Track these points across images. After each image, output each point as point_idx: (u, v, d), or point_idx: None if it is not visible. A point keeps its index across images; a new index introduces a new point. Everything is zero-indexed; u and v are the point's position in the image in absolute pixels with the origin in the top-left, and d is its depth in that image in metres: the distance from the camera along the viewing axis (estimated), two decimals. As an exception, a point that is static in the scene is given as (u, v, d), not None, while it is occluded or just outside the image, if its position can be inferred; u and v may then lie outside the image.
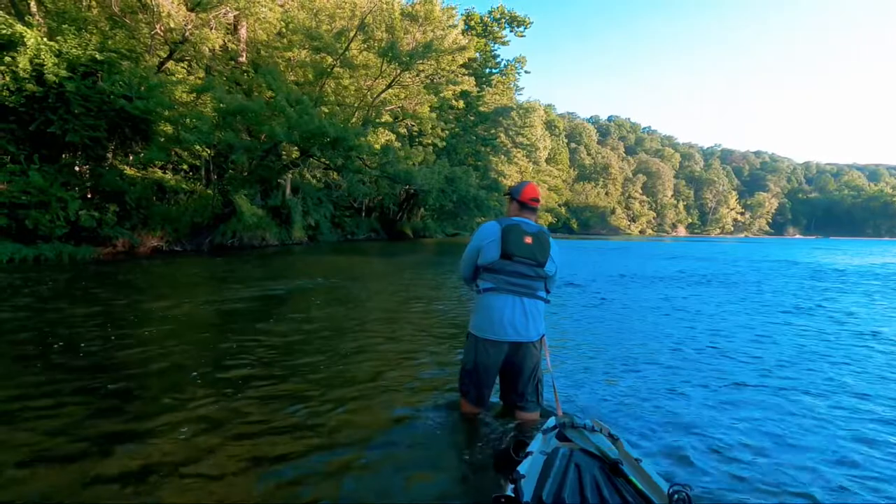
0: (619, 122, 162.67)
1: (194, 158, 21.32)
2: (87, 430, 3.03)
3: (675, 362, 5.02)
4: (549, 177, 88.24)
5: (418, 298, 8.91)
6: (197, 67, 22.61)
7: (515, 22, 50.19)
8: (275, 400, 3.59)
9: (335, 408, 3.47)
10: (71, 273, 10.94)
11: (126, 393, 3.68)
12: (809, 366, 5.09)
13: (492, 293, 3.06)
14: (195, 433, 3.00)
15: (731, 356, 5.36)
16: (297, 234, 25.39)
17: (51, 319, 6.07)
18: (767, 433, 3.30)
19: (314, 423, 3.20)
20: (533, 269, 3.06)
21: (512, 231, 3.07)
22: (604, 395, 3.96)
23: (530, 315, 3.04)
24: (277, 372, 4.26)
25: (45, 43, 13.92)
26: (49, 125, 13.81)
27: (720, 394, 4.07)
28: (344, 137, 19.90)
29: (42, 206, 13.41)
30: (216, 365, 4.39)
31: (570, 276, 13.80)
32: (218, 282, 10.73)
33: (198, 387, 3.82)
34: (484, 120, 50.95)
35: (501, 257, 3.04)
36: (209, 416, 3.27)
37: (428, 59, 28.30)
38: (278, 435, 3.01)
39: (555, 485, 1.82)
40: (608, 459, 1.99)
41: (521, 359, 3.06)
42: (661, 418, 3.49)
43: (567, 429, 2.35)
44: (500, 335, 3.02)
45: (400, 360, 4.75)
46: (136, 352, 4.79)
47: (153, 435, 2.96)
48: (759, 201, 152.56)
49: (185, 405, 3.44)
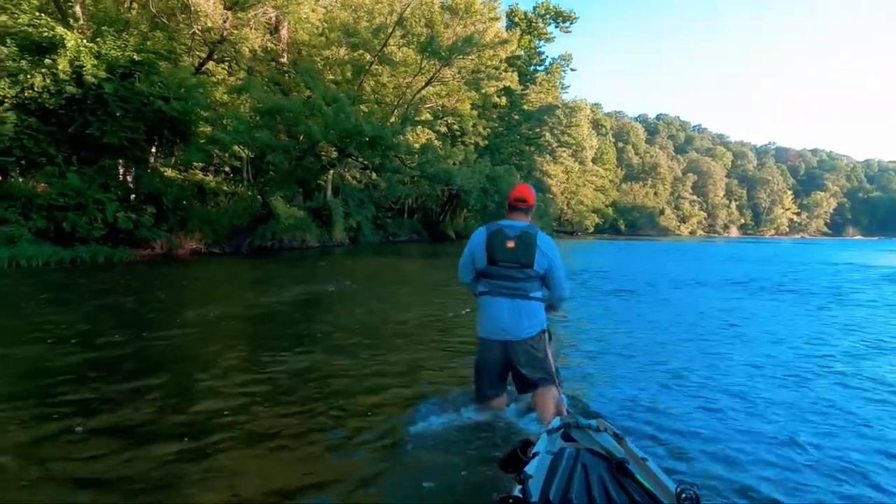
0: (668, 121, 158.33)
1: (235, 160, 21.26)
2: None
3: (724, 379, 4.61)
4: (596, 177, 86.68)
5: (446, 303, 8.34)
6: (237, 68, 22.57)
7: (561, 17, 48.84)
8: (290, 403, 3.65)
9: (347, 412, 3.51)
10: (102, 274, 10.83)
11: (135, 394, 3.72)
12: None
13: (486, 296, 3.23)
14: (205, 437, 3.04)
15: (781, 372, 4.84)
16: (338, 235, 25.11)
17: (57, 321, 5.87)
18: (785, 440, 3.22)
19: (324, 426, 3.25)
20: (520, 271, 3.13)
21: (496, 236, 3.16)
22: (621, 397, 3.99)
23: (523, 315, 3.14)
24: (289, 375, 4.28)
25: (84, 45, 13.92)
26: (88, 127, 13.82)
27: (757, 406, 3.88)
28: (381, 136, 19.40)
29: (80, 208, 13.42)
30: (224, 374, 4.30)
31: (625, 281, 12.92)
32: (241, 286, 10.60)
33: (206, 394, 3.84)
34: (528, 118, 49.85)
35: (488, 263, 3.16)
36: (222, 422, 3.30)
37: (469, 54, 27.61)
38: (290, 436, 3.06)
39: (562, 485, 1.78)
40: (615, 459, 1.94)
41: (518, 356, 3.16)
42: (668, 420, 3.50)
43: (572, 429, 2.28)
44: (493, 335, 3.19)
45: (422, 363, 4.80)
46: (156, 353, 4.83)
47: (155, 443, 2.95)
48: (816, 201, 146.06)
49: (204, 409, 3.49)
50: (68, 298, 7.95)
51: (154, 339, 5.39)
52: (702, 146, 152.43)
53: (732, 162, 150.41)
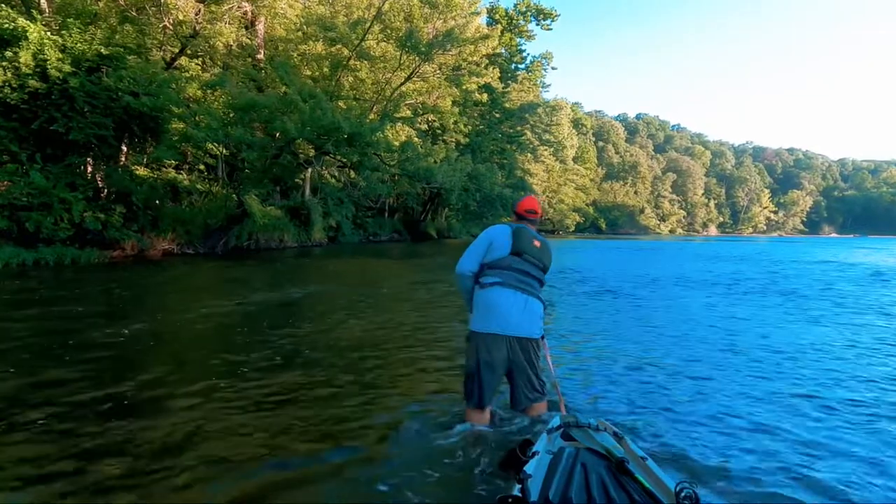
0: (648, 120, 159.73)
1: (210, 158, 20.71)
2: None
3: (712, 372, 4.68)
4: (577, 176, 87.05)
5: (433, 304, 8.11)
6: (212, 64, 22.01)
7: (542, 15, 48.65)
8: (274, 407, 3.53)
9: (336, 415, 3.41)
10: (61, 277, 10.34)
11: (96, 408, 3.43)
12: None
13: (497, 287, 3.02)
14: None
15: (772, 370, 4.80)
16: (316, 235, 24.65)
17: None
18: (784, 439, 3.17)
19: (316, 430, 3.16)
20: (538, 270, 3.15)
21: (522, 232, 3.17)
22: (620, 397, 3.92)
23: (533, 313, 3.03)
24: (275, 380, 4.11)
25: (48, 38, 13.38)
26: (53, 123, 13.26)
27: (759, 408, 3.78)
28: (360, 133, 18.97)
29: (44, 207, 12.86)
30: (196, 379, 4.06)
31: (605, 280, 12.76)
32: (200, 289, 10.07)
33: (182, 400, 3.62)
34: (509, 117, 49.68)
35: (512, 253, 3.09)
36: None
37: (449, 50, 27.26)
38: (280, 435, 3.02)
39: (561, 484, 1.79)
40: (614, 458, 1.96)
41: (525, 354, 2.99)
42: (668, 418, 3.45)
43: (572, 428, 2.32)
44: (504, 329, 2.96)
45: (410, 365, 4.64)
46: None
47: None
48: (793, 199, 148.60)
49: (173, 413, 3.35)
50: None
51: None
52: (681, 145, 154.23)
53: (711, 161, 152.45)
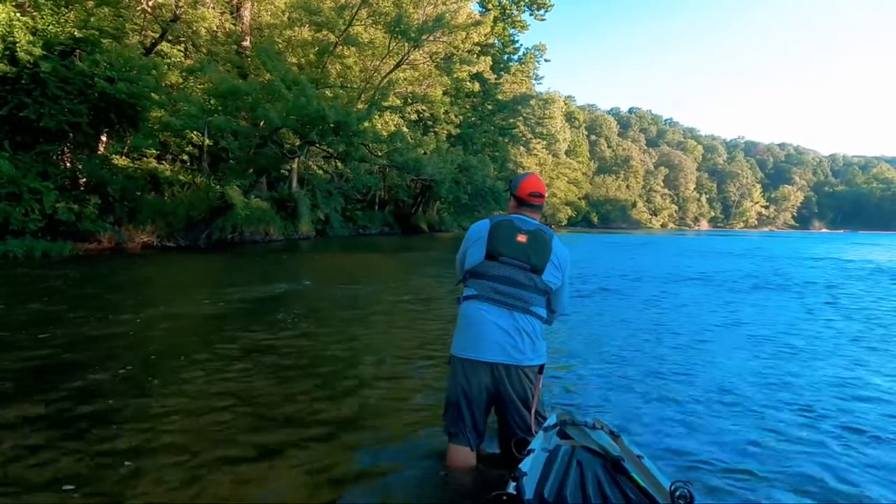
0: (641, 114, 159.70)
1: (193, 147, 20.07)
2: None
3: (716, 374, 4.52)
4: (569, 169, 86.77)
5: (422, 300, 7.76)
6: (195, 50, 21.31)
7: (535, 4, 47.92)
8: (256, 418, 3.23)
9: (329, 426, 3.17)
10: (22, 272, 9.74)
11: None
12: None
13: (473, 301, 2.44)
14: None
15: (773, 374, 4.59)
16: (304, 228, 24.14)
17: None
18: (783, 439, 3.13)
19: (300, 439, 2.90)
20: (526, 274, 2.42)
21: (501, 227, 2.48)
22: (619, 397, 3.84)
23: (524, 333, 2.36)
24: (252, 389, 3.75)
25: (18, 19, 12.76)
26: (23, 109, 12.66)
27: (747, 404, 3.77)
28: (346, 122, 18.38)
29: (13, 197, 12.28)
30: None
31: (602, 278, 12.37)
32: (170, 286, 9.56)
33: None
34: (502, 109, 49.13)
35: (486, 258, 2.45)
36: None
37: (440, 36, 26.60)
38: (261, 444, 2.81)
39: (557, 482, 1.75)
40: (610, 456, 1.92)
41: (513, 386, 2.36)
42: (665, 417, 3.41)
43: (568, 426, 2.24)
44: (480, 354, 2.37)
45: (383, 398, 3.86)
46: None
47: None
48: (784, 194, 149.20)
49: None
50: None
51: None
52: (673, 140, 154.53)
53: (703, 155, 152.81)
